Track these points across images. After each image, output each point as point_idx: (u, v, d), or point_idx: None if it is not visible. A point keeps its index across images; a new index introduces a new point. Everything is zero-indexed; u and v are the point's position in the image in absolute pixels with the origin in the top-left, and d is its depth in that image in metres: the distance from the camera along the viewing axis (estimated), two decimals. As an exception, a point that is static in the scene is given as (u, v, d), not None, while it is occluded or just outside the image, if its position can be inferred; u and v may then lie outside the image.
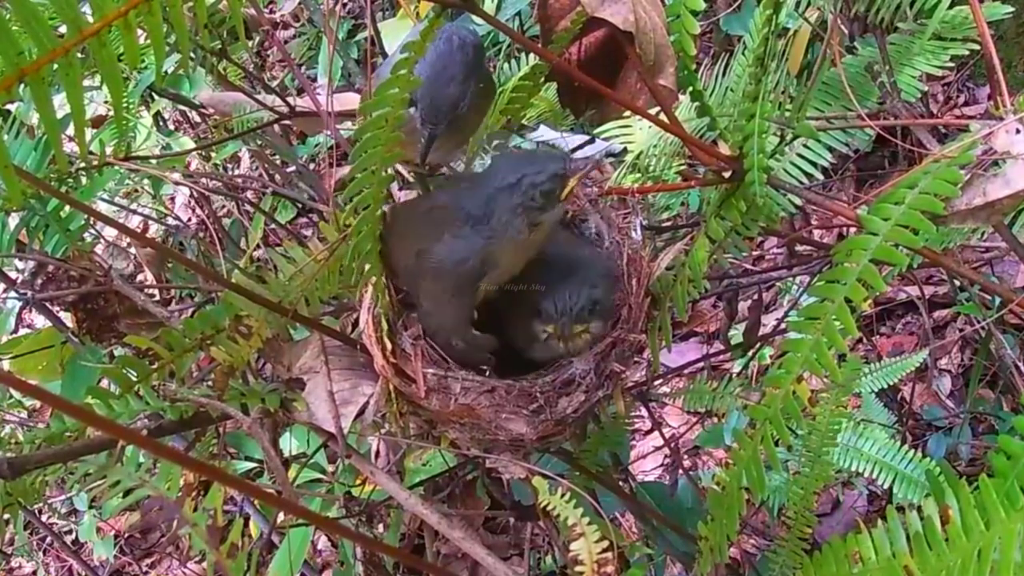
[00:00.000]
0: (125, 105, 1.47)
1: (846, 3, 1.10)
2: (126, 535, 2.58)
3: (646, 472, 2.06)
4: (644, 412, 1.42)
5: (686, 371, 1.87)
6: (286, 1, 2.94)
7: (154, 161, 1.67)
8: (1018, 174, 0.67)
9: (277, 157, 2.49)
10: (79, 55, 0.52)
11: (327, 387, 0.86)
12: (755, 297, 1.31)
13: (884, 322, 2.20)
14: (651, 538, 1.32)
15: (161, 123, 2.39)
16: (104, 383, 0.89)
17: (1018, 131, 0.67)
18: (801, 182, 1.10)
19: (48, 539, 2.58)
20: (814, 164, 1.10)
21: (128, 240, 2.09)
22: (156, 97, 2.11)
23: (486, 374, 0.81)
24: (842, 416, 1.01)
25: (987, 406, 1.86)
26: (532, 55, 1.27)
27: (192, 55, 1.28)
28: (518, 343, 0.83)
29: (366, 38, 2.43)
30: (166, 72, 1.73)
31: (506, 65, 1.53)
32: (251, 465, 1.74)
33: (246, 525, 1.76)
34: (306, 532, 1.56)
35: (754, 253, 2.26)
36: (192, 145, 2.17)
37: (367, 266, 0.79)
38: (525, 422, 0.80)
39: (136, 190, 2.35)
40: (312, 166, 2.43)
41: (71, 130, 1.15)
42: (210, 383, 0.85)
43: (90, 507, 2.26)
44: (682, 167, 1.23)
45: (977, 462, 1.75)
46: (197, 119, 2.46)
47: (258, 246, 2.10)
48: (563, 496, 0.70)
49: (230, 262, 1.53)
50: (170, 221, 2.44)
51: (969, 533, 0.58)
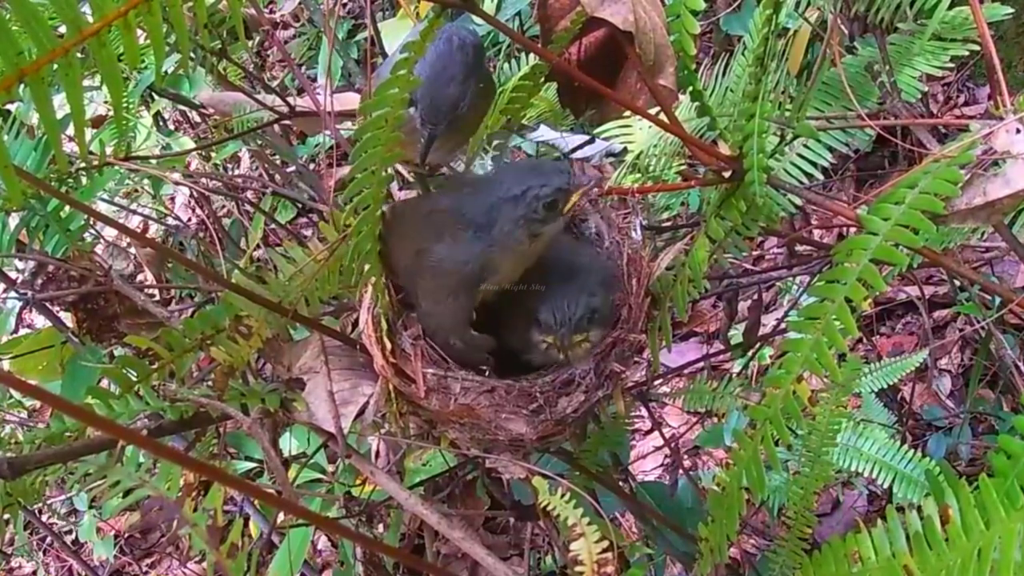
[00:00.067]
0: (125, 105, 1.47)
1: (846, 3, 1.10)
2: (126, 535, 2.58)
3: (646, 472, 2.06)
4: (644, 412, 1.42)
5: (686, 371, 1.87)
6: (286, 1, 2.94)
7: (154, 161, 1.66)
8: (1018, 174, 0.67)
9: (277, 157, 2.49)
10: (79, 55, 0.52)
11: (327, 387, 0.86)
12: (755, 297, 1.31)
13: (884, 322, 2.20)
14: (651, 538, 1.32)
15: (161, 123, 2.39)
16: (104, 383, 0.89)
17: (1018, 131, 0.67)
18: (801, 182, 1.10)
19: (48, 539, 2.58)
20: (814, 164, 1.10)
21: (128, 240, 2.09)
22: (156, 97, 2.11)
23: (486, 374, 0.81)
24: (842, 416, 1.01)
25: (987, 406, 1.86)
26: (532, 55, 1.27)
27: (192, 55, 1.28)
28: (516, 347, 0.84)
29: (366, 38, 2.43)
30: (166, 72, 1.73)
31: (506, 65, 1.53)
32: (251, 465, 1.74)
33: (246, 525, 1.76)
34: (306, 532, 1.56)
35: (754, 253, 2.26)
36: (192, 145, 2.17)
37: (367, 266, 0.79)
38: (525, 422, 0.80)
39: (136, 190, 2.35)
40: (312, 166, 2.43)
41: (71, 130, 1.15)
42: (210, 383, 0.85)
43: (90, 507, 2.26)
44: (682, 167, 1.23)
45: (977, 462, 1.75)
46: (197, 119, 2.46)
47: (258, 246, 2.10)
48: (563, 496, 0.70)
49: (230, 262, 1.53)
50: (170, 221, 2.44)
51: (969, 533, 0.58)
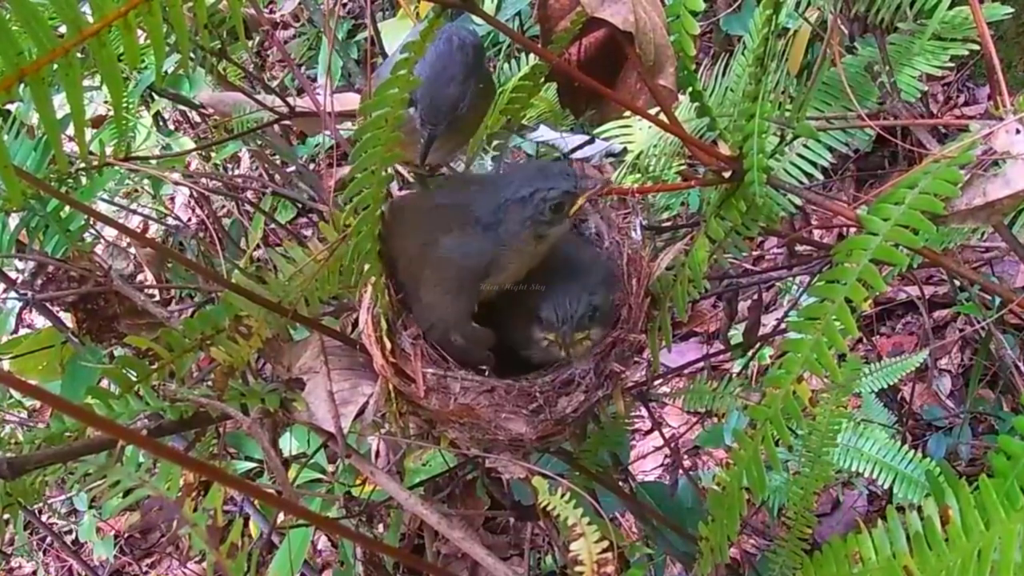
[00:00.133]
0: (125, 105, 1.47)
1: (846, 3, 1.10)
2: (126, 535, 2.58)
3: (646, 472, 2.06)
4: (644, 412, 1.42)
5: (686, 371, 1.87)
6: (286, 1, 2.94)
7: (154, 161, 1.66)
8: (1018, 174, 0.67)
9: (277, 157, 2.49)
10: (79, 55, 0.52)
11: (327, 387, 0.86)
12: (755, 297, 1.31)
13: (884, 322, 2.20)
14: (651, 538, 1.32)
15: (161, 123, 2.39)
16: (104, 383, 0.89)
17: (1018, 131, 0.67)
18: (801, 182, 1.10)
19: (48, 539, 2.58)
20: (814, 164, 1.10)
21: (128, 240, 2.09)
22: (156, 97, 2.11)
23: (485, 374, 0.81)
24: (842, 416, 1.01)
25: (987, 406, 1.86)
26: (532, 55, 1.27)
27: (192, 55, 1.28)
28: (517, 345, 0.84)
29: (366, 38, 2.43)
30: (166, 72, 1.73)
31: (506, 65, 1.53)
32: (251, 465, 1.74)
33: (246, 525, 1.76)
34: (306, 532, 1.56)
35: (754, 253, 2.26)
36: (192, 145, 2.17)
37: (367, 266, 0.79)
38: (525, 422, 0.80)
39: (136, 190, 2.35)
40: (312, 166, 2.42)
41: (71, 130, 1.15)
42: (210, 383, 0.85)
43: (90, 507, 2.26)
44: (682, 167, 1.23)
45: (977, 462, 1.75)
46: (197, 119, 2.46)
47: (258, 246, 2.10)
48: (563, 496, 0.70)
49: (230, 262, 1.53)
50: (170, 221, 2.43)
51: (969, 533, 0.58)
